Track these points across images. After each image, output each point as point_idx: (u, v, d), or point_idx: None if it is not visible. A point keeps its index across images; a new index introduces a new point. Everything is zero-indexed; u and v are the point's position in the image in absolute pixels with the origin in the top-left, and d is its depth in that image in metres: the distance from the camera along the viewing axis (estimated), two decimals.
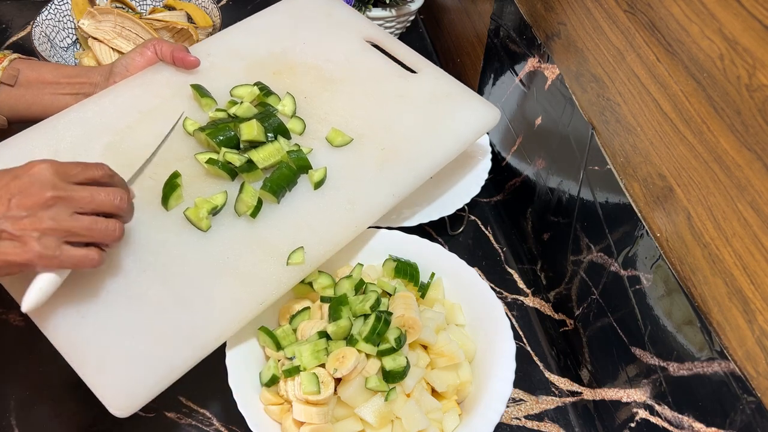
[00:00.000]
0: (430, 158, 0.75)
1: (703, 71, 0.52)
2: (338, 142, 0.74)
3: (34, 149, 0.70)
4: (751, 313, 0.50)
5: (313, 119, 0.77)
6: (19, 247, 0.51)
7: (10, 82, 0.76)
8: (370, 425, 0.60)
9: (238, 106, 0.74)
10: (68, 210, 0.52)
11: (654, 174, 0.60)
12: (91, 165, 0.56)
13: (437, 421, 0.62)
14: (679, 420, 0.58)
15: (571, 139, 0.75)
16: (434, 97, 0.80)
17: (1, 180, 0.52)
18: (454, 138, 0.77)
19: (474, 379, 0.66)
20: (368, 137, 0.76)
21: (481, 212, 0.94)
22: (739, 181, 0.50)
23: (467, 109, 0.80)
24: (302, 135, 0.75)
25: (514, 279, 0.86)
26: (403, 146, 0.75)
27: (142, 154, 0.70)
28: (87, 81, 0.78)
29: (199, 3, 1.12)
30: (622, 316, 0.67)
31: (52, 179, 0.52)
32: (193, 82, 0.76)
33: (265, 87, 0.77)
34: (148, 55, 0.78)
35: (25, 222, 0.50)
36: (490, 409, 0.61)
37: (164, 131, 0.73)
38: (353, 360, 0.59)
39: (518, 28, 0.87)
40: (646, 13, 0.59)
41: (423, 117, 0.78)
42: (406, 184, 0.72)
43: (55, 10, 1.05)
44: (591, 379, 0.74)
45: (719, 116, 0.51)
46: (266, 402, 0.63)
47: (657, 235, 0.61)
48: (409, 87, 0.81)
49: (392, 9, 1.14)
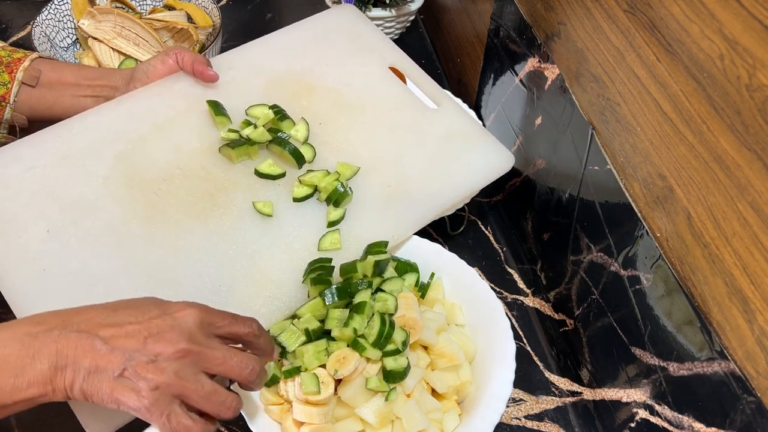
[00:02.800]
0: (436, 200, 0.74)
1: (703, 71, 0.52)
2: (345, 177, 0.73)
3: (47, 150, 0.70)
4: (751, 313, 0.50)
5: (325, 147, 0.76)
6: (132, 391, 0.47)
7: (31, 83, 0.75)
8: (371, 425, 0.60)
9: (252, 129, 0.73)
10: (195, 368, 0.49)
11: (654, 174, 0.60)
12: (240, 320, 0.53)
13: (437, 421, 0.62)
14: (679, 420, 0.58)
15: (571, 139, 0.75)
16: (450, 136, 0.79)
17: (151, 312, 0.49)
18: (463, 182, 0.76)
19: (474, 379, 0.66)
20: (377, 171, 0.75)
21: (481, 212, 0.94)
22: (739, 181, 0.50)
23: (481, 152, 0.78)
24: (312, 162, 0.74)
25: (514, 279, 0.86)
26: (410, 184, 0.74)
27: (155, 173, 0.70)
28: (108, 84, 0.78)
29: (199, 3, 1.12)
30: (622, 316, 0.67)
31: (193, 330, 0.49)
32: (210, 97, 0.76)
33: (281, 111, 0.76)
34: (169, 63, 0.78)
35: (150, 367, 0.47)
36: (490, 409, 0.61)
37: (177, 145, 0.72)
38: (354, 361, 0.59)
39: (518, 28, 0.87)
40: (646, 13, 0.59)
41: (436, 155, 0.77)
42: (407, 226, 0.72)
43: (55, 10, 1.05)
44: (591, 379, 0.74)
45: (719, 116, 0.51)
46: (266, 402, 0.63)
47: (657, 235, 0.61)
48: (426, 122, 0.80)
49: (392, 9, 1.14)
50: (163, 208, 0.68)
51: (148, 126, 0.74)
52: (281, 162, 0.74)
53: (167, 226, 0.67)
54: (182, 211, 0.68)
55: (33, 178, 0.68)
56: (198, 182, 0.70)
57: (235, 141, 0.72)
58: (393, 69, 0.85)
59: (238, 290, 0.64)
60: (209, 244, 0.66)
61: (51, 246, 0.64)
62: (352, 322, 0.62)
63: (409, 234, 0.72)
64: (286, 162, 0.74)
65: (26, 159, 0.70)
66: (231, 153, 0.71)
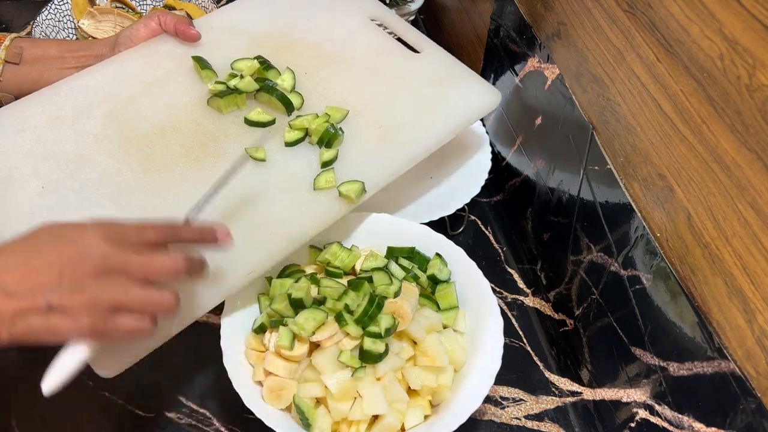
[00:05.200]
0: (427, 137, 0.75)
1: (703, 71, 0.52)
2: (336, 119, 0.74)
3: (35, 114, 0.71)
4: (751, 313, 0.50)
5: (312, 95, 0.77)
6: (69, 320, 0.48)
7: (14, 60, 0.76)
8: (331, 394, 0.61)
9: (239, 79, 0.75)
10: (120, 280, 0.49)
11: (654, 174, 0.60)
12: (149, 225, 0.53)
13: (400, 412, 0.62)
14: (679, 420, 0.58)
15: (571, 139, 0.75)
16: (434, 78, 0.80)
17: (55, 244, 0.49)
18: (452, 118, 0.77)
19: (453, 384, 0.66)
20: (365, 115, 0.76)
21: (481, 212, 0.94)
22: (739, 181, 0.50)
23: (467, 90, 0.80)
24: (300, 110, 0.76)
25: (514, 279, 0.86)
26: (399, 125, 0.75)
27: (146, 128, 0.71)
28: (92, 53, 0.79)
29: (199, 3, 1.12)
30: (622, 316, 0.67)
31: (103, 247, 0.49)
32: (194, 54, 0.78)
33: (266, 61, 0.78)
34: (152, 26, 0.79)
35: (75, 295, 0.48)
36: (458, 414, 0.61)
37: (167, 102, 0.73)
38: (330, 330, 0.62)
39: (518, 28, 0.87)
40: (646, 13, 0.59)
41: (422, 97, 0.78)
42: (400, 163, 0.73)
43: (55, 10, 1.05)
44: (591, 379, 0.74)
45: (719, 116, 0.51)
46: (248, 345, 0.65)
47: (657, 235, 0.61)
48: (410, 67, 0.81)
49: (392, 9, 1.14)
50: (156, 158, 0.69)
51: (137, 85, 0.75)
52: (270, 110, 0.75)
53: (162, 175, 0.68)
54: (176, 161, 0.69)
55: (24, 139, 0.69)
56: (190, 134, 0.72)
57: (223, 91, 0.74)
58: None
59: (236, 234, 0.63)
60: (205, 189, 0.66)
61: (47, 200, 0.65)
62: (346, 297, 0.64)
63: (403, 170, 0.73)
64: (275, 109, 0.75)
65: (15, 122, 0.70)
66: (220, 103, 0.73)
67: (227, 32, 0.83)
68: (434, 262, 0.72)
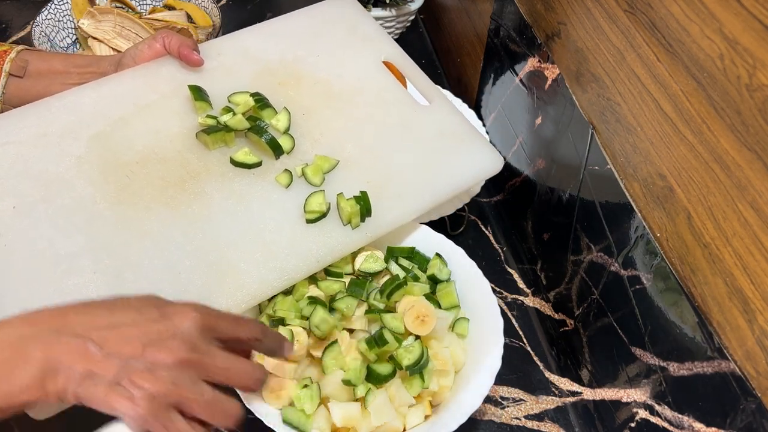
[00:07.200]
0: (417, 200, 0.71)
1: (703, 71, 0.52)
2: (324, 168, 0.71)
3: (23, 128, 0.69)
4: (751, 313, 0.50)
5: (306, 139, 0.73)
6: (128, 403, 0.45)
7: (19, 73, 0.75)
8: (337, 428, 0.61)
9: (231, 116, 0.72)
10: (195, 376, 0.47)
11: (654, 174, 0.60)
12: (244, 323, 0.51)
13: (401, 414, 0.63)
14: (679, 420, 0.58)
15: (571, 139, 0.75)
16: (439, 135, 0.76)
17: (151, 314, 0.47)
18: (447, 182, 0.73)
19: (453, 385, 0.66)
20: (358, 166, 0.72)
21: (481, 212, 0.94)
22: (739, 181, 0.50)
23: (470, 153, 0.75)
24: (289, 154, 0.72)
25: (514, 279, 0.86)
26: (391, 182, 0.71)
27: (129, 156, 0.69)
28: (97, 70, 0.78)
29: (199, 3, 1.12)
30: (622, 316, 0.67)
31: (194, 337, 0.47)
32: (196, 82, 0.75)
33: (262, 99, 0.74)
34: (156, 47, 0.77)
35: (147, 376, 0.45)
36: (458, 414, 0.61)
37: (156, 129, 0.71)
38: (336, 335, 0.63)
39: (518, 28, 0.87)
40: (646, 12, 0.59)
41: (422, 153, 0.74)
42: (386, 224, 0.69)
43: (55, 10, 1.05)
44: (591, 379, 0.74)
45: (719, 116, 0.51)
46: None
47: (657, 235, 0.61)
48: (416, 119, 0.77)
49: (392, 9, 1.14)
50: (133, 190, 0.67)
51: (129, 107, 0.72)
52: (259, 151, 0.72)
53: (136, 209, 0.66)
54: (152, 195, 0.67)
55: (6, 154, 0.67)
56: (172, 167, 0.69)
57: (212, 127, 0.70)
58: (392, 68, 0.84)
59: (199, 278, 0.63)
60: (176, 230, 0.65)
61: (17, 223, 0.63)
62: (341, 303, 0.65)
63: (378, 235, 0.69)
64: (264, 152, 0.72)
65: (1, 134, 0.68)
66: (207, 139, 0.70)
67: (236, 58, 0.79)
68: (434, 262, 0.71)
